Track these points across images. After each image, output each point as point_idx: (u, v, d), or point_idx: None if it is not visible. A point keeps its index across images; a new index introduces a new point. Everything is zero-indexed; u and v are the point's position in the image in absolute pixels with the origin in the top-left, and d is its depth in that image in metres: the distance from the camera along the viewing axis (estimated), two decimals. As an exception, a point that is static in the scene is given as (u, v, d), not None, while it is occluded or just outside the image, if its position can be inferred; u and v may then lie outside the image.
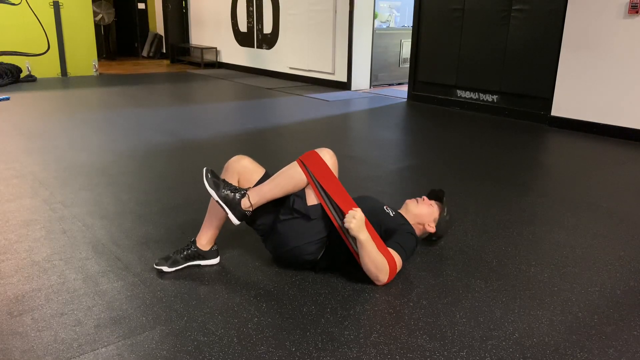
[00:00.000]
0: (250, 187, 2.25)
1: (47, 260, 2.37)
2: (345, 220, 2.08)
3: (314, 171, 2.19)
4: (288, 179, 2.21)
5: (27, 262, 2.36)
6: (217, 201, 2.17)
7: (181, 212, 2.98)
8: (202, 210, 2.40)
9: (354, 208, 2.12)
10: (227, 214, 2.18)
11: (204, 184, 2.17)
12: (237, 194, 2.18)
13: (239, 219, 2.20)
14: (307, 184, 2.21)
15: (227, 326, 1.89)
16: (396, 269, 2.17)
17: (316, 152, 2.24)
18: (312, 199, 2.19)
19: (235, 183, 2.29)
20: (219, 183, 2.19)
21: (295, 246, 2.20)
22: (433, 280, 2.26)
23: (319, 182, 2.18)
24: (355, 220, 2.06)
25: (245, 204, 2.19)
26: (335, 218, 2.15)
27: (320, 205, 2.18)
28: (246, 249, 2.52)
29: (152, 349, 1.75)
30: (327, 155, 2.24)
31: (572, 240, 2.71)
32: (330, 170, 2.21)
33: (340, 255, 2.24)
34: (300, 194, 2.22)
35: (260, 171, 2.33)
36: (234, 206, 2.17)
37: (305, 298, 2.09)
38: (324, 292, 2.14)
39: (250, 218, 2.28)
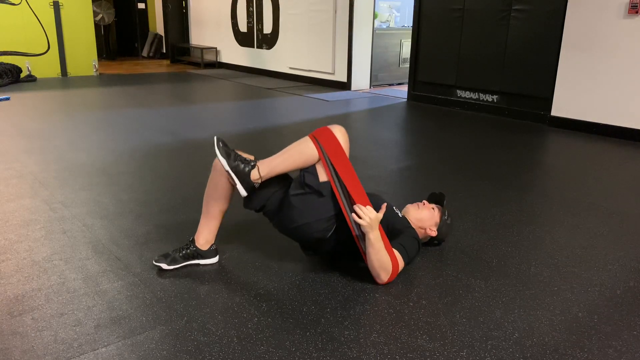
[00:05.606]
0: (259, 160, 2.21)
1: (47, 260, 2.37)
2: (359, 216, 2.06)
3: (327, 148, 2.16)
4: (299, 153, 2.17)
5: (27, 262, 2.36)
6: (227, 171, 2.13)
7: (181, 211, 2.98)
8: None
9: (368, 207, 2.09)
10: (235, 184, 2.14)
11: (215, 151, 2.13)
12: (246, 166, 2.14)
13: (247, 191, 2.15)
14: (318, 160, 2.17)
15: (227, 326, 1.89)
16: (398, 270, 2.17)
17: (329, 129, 2.21)
18: (323, 176, 2.15)
19: (224, 180, 2.25)
20: (230, 153, 2.15)
21: (304, 223, 2.17)
22: (433, 280, 2.26)
23: (330, 160, 2.14)
24: (370, 220, 2.05)
25: (254, 175, 2.14)
26: (342, 199, 2.13)
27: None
28: (246, 248, 2.52)
29: (152, 349, 1.75)
30: (339, 133, 2.21)
31: (572, 240, 2.71)
32: (343, 149, 2.18)
33: (347, 236, 2.21)
34: (311, 170, 2.17)
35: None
36: (243, 177, 2.13)
37: (305, 298, 2.09)
38: (324, 292, 2.14)
39: (256, 205, 2.25)
